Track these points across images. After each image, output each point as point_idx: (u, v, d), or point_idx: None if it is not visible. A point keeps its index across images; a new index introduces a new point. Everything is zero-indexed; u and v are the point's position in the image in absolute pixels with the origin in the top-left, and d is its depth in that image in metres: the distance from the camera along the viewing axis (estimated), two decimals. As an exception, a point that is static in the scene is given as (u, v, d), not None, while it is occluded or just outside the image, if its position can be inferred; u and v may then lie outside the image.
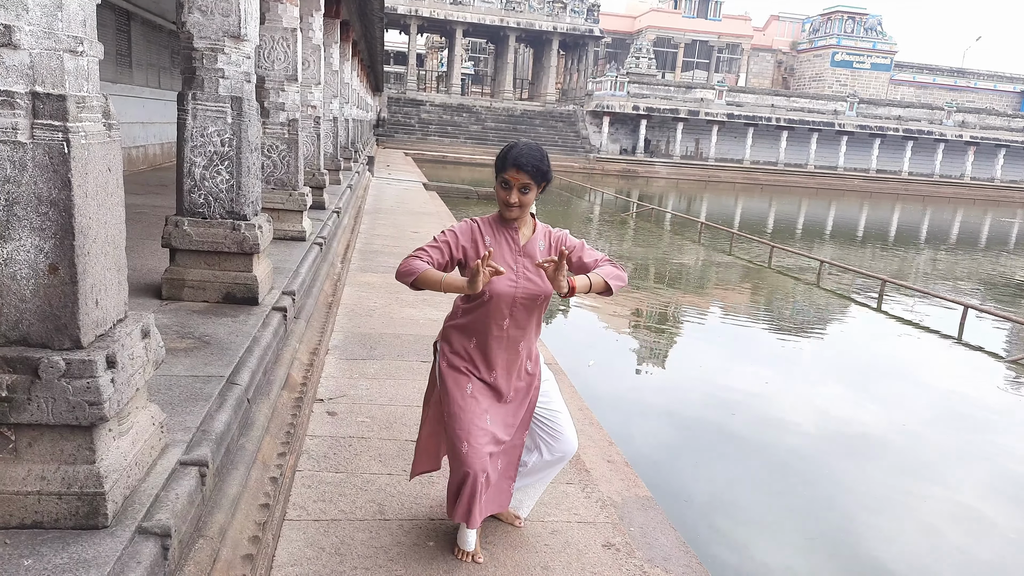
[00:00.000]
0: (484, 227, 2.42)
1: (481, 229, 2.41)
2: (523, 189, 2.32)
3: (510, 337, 2.43)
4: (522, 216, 2.40)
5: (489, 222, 2.44)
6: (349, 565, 2.43)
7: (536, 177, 2.31)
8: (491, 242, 2.39)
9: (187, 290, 3.90)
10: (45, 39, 1.64)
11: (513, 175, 2.30)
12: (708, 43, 54.86)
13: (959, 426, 6.22)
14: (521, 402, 2.51)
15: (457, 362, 2.45)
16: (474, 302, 2.40)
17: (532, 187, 2.32)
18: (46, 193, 1.67)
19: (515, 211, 2.36)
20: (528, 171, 2.29)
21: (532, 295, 2.39)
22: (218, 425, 2.42)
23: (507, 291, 2.36)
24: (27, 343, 1.74)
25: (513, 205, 2.33)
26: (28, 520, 1.75)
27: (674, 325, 9.32)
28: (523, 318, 2.42)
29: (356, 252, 8.50)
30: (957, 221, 29.82)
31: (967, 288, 13.78)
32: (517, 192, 2.32)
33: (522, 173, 2.29)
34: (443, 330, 2.55)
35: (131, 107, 12.05)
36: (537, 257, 2.40)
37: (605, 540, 2.75)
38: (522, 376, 2.51)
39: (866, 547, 4.05)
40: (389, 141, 38.70)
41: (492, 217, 2.45)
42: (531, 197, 2.34)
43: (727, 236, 16.87)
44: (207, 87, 3.82)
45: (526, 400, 2.52)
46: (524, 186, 2.31)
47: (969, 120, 47.09)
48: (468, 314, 2.44)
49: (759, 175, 42.85)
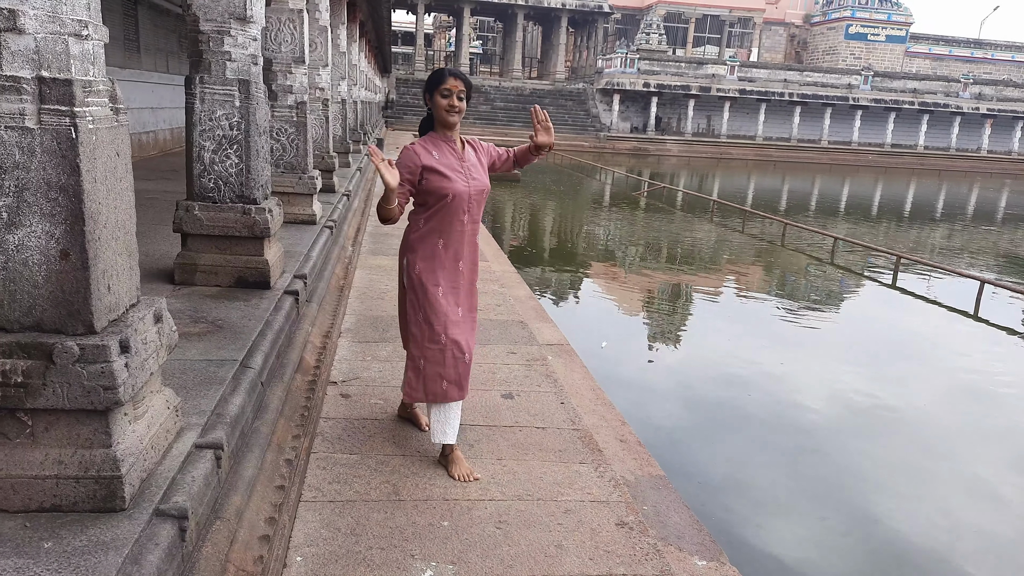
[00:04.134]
0: (426, 145, 2.84)
1: (424, 147, 2.83)
2: (459, 96, 2.79)
3: (470, 231, 2.90)
4: (458, 123, 2.84)
5: (428, 140, 2.87)
6: (364, 545, 2.45)
7: (468, 86, 2.82)
8: (438, 154, 2.81)
9: (199, 274, 3.91)
10: (50, 23, 1.63)
11: (453, 83, 2.76)
12: (719, 18, 54.05)
13: (976, 402, 6.17)
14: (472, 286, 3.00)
15: (424, 266, 2.86)
16: (435, 208, 2.82)
17: (465, 96, 2.80)
18: (55, 179, 1.67)
19: (455, 116, 2.80)
20: (463, 79, 2.79)
21: (481, 189, 2.88)
22: (232, 408, 2.43)
23: (463, 190, 2.81)
24: (41, 329, 1.75)
25: (455, 110, 2.79)
26: (47, 504, 1.77)
27: (687, 304, 9.29)
28: (476, 211, 2.90)
29: (367, 235, 8.50)
30: (973, 195, 29.43)
31: (983, 263, 13.62)
32: (456, 98, 2.78)
33: (459, 81, 2.77)
34: (406, 243, 2.94)
35: (140, 92, 12.05)
36: (475, 160, 2.90)
37: (619, 519, 2.75)
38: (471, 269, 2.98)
39: (882, 526, 4.04)
40: (398, 123, 38.57)
41: (427, 137, 2.90)
42: (464, 105, 2.81)
43: (739, 214, 16.74)
44: (214, 70, 3.80)
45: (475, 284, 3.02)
46: (460, 92, 2.78)
47: (986, 92, 46.28)
48: (431, 220, 2.85)
49: (772, 151, 42.39)
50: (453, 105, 2.78)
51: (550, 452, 3.24)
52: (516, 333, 4.98)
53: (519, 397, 3.83)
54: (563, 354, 4.67)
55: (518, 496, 2.84)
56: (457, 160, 2.84)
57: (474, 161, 2.90)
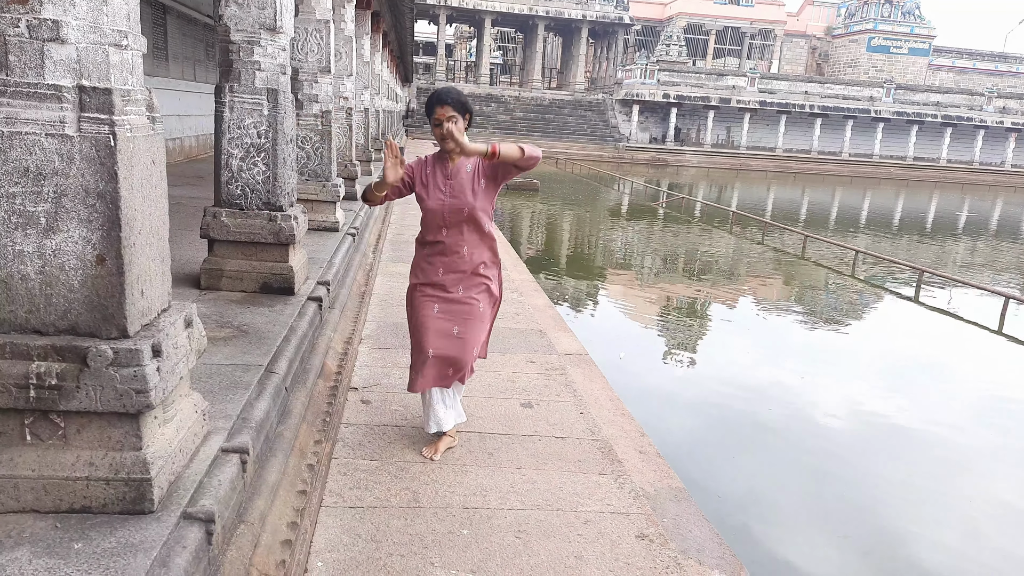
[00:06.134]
0: (428, 160, 3.04)
1: (425, 162, 3.03)
2: (450, 119, 2.83)
3: (449, 243, 3.03)
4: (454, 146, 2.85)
5: (433, 156, 3.05)
6: (385, 551, 2.46)
7: (458, 108, 2.86)
8: (429, 171, 3.01)
9: (225, 280, 3.96)
10: (91, 33, 1.67)
11: (439, 112, 2.83)
12: (740, 29, 53.93)
13: (1000, 420, 6.08)
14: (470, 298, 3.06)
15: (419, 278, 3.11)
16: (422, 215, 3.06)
17: (457, 118, 2.85)
18: (93, 185, 1.71)
19: (447, 143, 2.86)
20: (450, 103, 2.84)
21: (456, 208, 2.96)
22: (258, 413, 2.46)
23: (436, 207, 2.97)
24: (75, 332, 1.78)
25: (443, 137, 2.85)
26: (77, 505, 1.80)
27: (706, 316, 9.24)
28: (455, 226, 2.99)
29: (387, 242, 8.56)
30: (997, 209, 29.03)
31: (1008, 279, 13.43)
32: (446, 123, 2.83)
33: (446, 107, 2.83)
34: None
35: (167, 100, 12.25)
36: (464, 177, 2.96)
37: (639, 531, 2.74)
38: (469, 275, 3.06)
39: (902, 546, 3.99)
40: (419, 132, 38.76)
41: (435, 153, 3.06)
42: (460, 127, 2.86)
43: (759, 225, 16.64)
44: (244, 79, 3.86)
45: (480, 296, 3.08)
46: (450, 117, 2.83)
47: (1010, 106, 45.71)
48: (422, 227, 3.09)
49: (792, 163, 42.11)
50: (441, 134, 2.87)
51: (569, 462, 3.24)
52: (535, 342, 4.98)
53: (538, 406, 3.83)
54: (582, 364, 4.67)
55: (537, 506, 2.84)
56: (443, 179, 2.98)
57: (465, 180, 2.96)
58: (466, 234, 3.01)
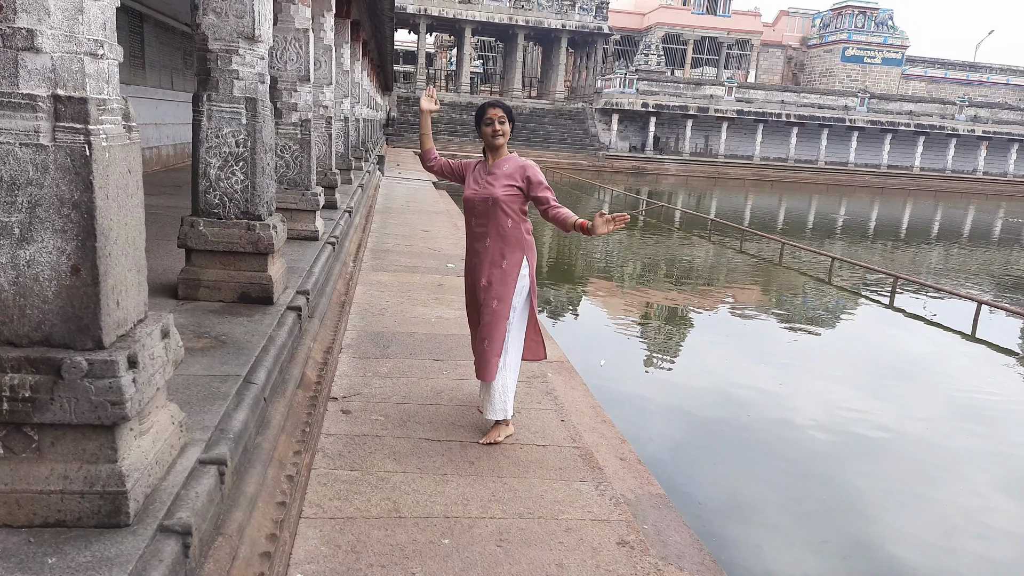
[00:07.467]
0: (474, 161, 3.58)
1: (477, 162, 3.56)
2: (500, 120, 3.38)
3: (478, 233, 3.44)
4: (504, 145, 3.43)
5: (478, 161, 3.57)
6: (365, 562, 2.44)
7: (508, 112, 3.43)
8: (477, 167, 3.50)
9: (203, 290, 3.93)
10: (66, 42, 1.66)
11: (492, 112, 3.38)
12: (717, 39, 54.57)
13: (974, 424, 6.17)
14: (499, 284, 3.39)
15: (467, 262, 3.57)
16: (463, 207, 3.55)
17: (506, 119, 3.40)
18: (68, 195, 1.69)
19: (500, 139, 3.39)
20: (502, 108, 3.41)
21: (485, 197, 3.37)
22: (236, 424, 2.44)
23: (470, 196, 3.43)
24: (50, 344, 1.76)
25: (498, 134, 3.38)
26: (51, 519, 1.77)
27: (685, 323, 9.30)
28: (483, 215, 3.40)
29: (368, 251, 8.53)
30: (969, 216, 29.57)
31: (980, 284, 13.67)
32: (498, 122, 3.37)
33: (498, 109, 3.39)
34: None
35: (144, 108, 12.14)
36: (498, 175, 3.39)
37: (619, 537, 2.75)
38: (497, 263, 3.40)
39: (881, 548, 4.03)
40: (399, 140, 38.74)
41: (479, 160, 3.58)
42: (508, 128, 3.41)
43: (737, 233, 16.80)
44: (222, 88, 3.84)
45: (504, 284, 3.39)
46: (500, 118, 3.38)
47: (982, 114, 46.66)
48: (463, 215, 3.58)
49: (769, 172, 42.61)
50: (496, 130, 3.38)
51: (551, 470, 3.25)
52: (516, 351, 4.98)
53: (520, 414, 3.83)
54: (563, 371, 4.68)
55: (519, 514, 2.84)
56: (484, 174, 3.45)
57: (501, 175, 3.39)
58: (491, 223, 3.39)
